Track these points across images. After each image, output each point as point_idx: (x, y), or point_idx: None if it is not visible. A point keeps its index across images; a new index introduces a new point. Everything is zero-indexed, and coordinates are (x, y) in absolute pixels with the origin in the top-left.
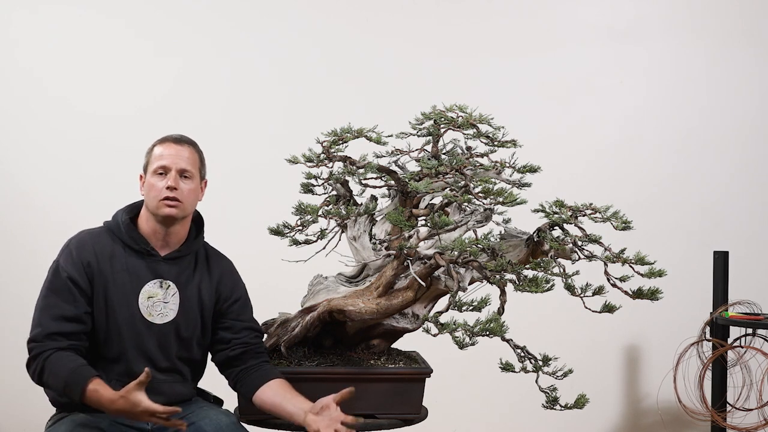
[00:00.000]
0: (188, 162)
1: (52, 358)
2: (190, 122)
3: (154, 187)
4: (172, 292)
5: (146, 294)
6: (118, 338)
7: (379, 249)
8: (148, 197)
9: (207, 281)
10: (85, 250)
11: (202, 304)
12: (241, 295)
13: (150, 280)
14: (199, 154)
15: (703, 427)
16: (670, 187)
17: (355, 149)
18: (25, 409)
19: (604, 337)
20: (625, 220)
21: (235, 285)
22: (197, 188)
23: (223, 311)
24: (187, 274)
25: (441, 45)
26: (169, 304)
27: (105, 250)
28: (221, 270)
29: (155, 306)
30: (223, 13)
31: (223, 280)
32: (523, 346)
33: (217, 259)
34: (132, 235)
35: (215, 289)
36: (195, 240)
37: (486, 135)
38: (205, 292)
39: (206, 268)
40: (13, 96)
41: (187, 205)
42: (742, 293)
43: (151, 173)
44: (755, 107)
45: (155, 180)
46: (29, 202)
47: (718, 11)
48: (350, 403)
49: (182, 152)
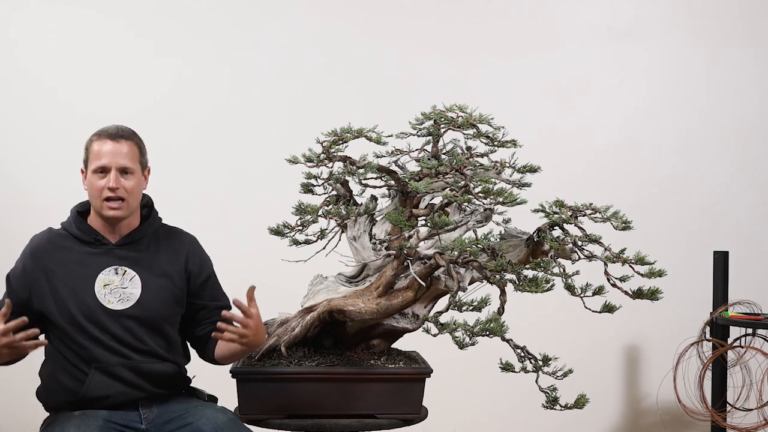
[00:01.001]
0: (127, 158)
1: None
2: (190, 122)
3: (94, 187)
4: (129, 276)
5: (102, 282)
6: (80, 328)
7: (379, 249)
8: (91, 196)
9: (174, 260)
10: (38, 255)
11: (173, 284)
12: (210, 272)
13: (104, 268)
14: (138, 145)
15: (703, 427)
16: (670, 187)
17: (355, 149)
18: (25, 409)
19: (604, 337)
20: (625, 220)
21: (203, 261)
22: (140, 181)
23: (196, 290)
24: (147, 255)
25: (441, 45)
26: (128, 289)
27: (55, 247)
28: (186, 247)
29: (113, 293)
30: (223, 13)
31: (190, 257)
32: (523, 346)
33: (179, 236)
34: (81, 227)
35: (184, 267)
36: (148, 222)
37: (486, 135)
38: (174, 271)
39: (170, 247)
40: (13, 96)
41: (132, 200)
42: (742, 293)
43: (91, 172)
44: (755, 107)
45: (95, 179)
46: (29, 203)
47: (718, 11)
48: (350, 403)
49: (120, 149)
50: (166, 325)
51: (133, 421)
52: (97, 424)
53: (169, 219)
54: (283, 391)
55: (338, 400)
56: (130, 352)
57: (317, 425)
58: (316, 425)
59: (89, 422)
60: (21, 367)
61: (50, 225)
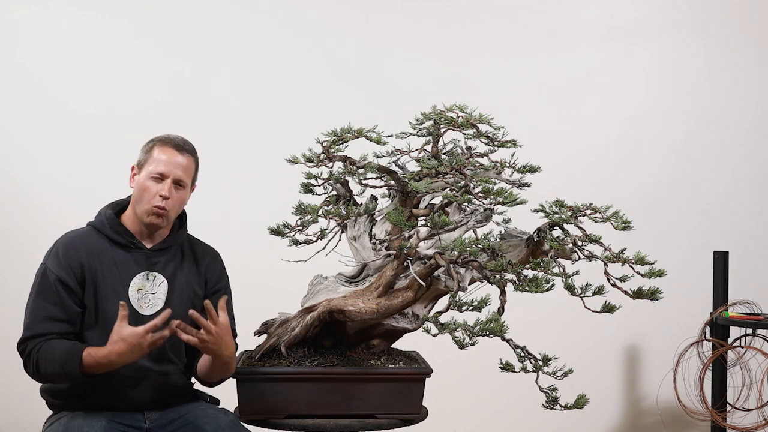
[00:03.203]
0: (185, 172)
1: (43, 348)
2: (190, 122)
3: (147, 191)
4: (158, 282)
5: (136, 286)
6: (110, 330)
7: (379, 249)
8: (139, 198)
9: (195, 271)
10: (73, 249)
11: (193, 294)
12: (223, 285)
13: (138, 273)
14: (195, 162)
15: (703, 427)
16: (670, 187)
17: (355, 149)
18: (25, 410)
19: (604, 337)
20: (625, 220)
21: (221, 274)
22: (187, 196)
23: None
24: (174, 264)
25: (441, 45)
26: (156, 294)
27: (92, 247)
28: (208, 259)
29: (144, 298)
30: (223, 14)
31: (210, 268)
32: (523, 346)
33: (203, 248)
34: (117, 229)
35: (204, 278)
36: (178, 232)
37: (486, 135)
38: (194, 282)
39: (193, 259)
40: (14, 96)
41: (173, 213)
42: (742, 293)
43: (147, 176)
44: (755, 107)
45: (150, 183)
46: (29, 202)
47: (718, 11)
48: (350, 403)
49: (181, 161)
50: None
51: (136, 421)
52: (101, 425)
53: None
54: (283, 391)
55: (338, 400)
56: (150, 363)
57: (317, 425)
58: (316, 425)
59: (93, 423)
60: (21, 368)
61: (50, 225)
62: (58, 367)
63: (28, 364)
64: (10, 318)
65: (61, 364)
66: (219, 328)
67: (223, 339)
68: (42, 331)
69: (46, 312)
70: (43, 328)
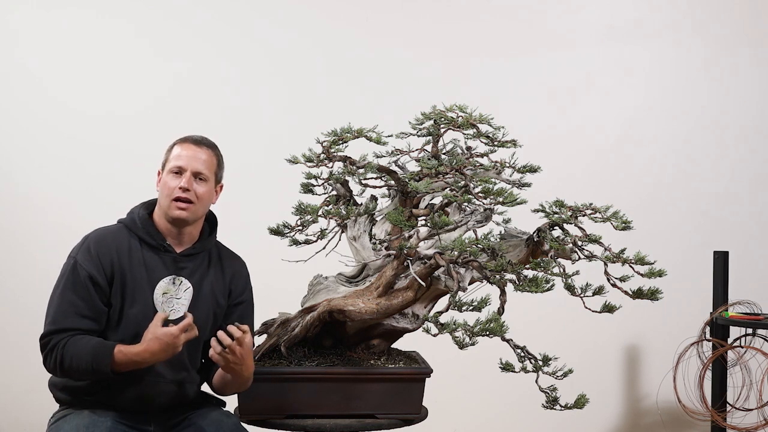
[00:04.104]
0: (204, 165)
1: (69, 344)
2: (190, 122)
3: (167, 186)
4: (184, 287)
5: (161, 290)
6: (134, 332)
7: (379, 249)
8: (162, 195)
9: (220, 280)
10: (105, 246)
11: (216, 303)
12: (247, 298)
13: (165, 276)
14: (217, 157)
15: (703, 427)
16: (670, 187)
17: (355, 149)
18: (26, 409)
19: (604, 337)
20: (625, 220)
21: (246, 286)
22: (211, 191)
23: (228, 310)
24: (201, 271)
25: (441, 45)
26: (181, 300)
27: (123, 246)
28: (234, 269)
29: (169, 302)
30: (223, 14)
31: (235, 279)
32: (523, 346)
33: (231, 258)
34: (149, 230)
35: (228, 288)
36: (208, 238)
37: (486, 135)
38: (218, 290)
39: (219, 267)
40: (14, 96)
41: (199, 207)
42: (742, 293)
43: (167, 172)
44: (755, 107)
45: (170, 179)
46: (29, 202)
47: (718, 11)
48: (350, 403)
49: (200, 154)
50: (203, 340)
51: (141, 423)
52: (107, 425)
53: None
54: (283, 391)
55: (338, 400)
56: (165, 369)
57: (317, 425)
58: (316, 425)
59: (99, 422)
60: (21, 368)
61: (50, 225)
62: (87, 362)
63: (48, 358)
64: (10, 318)
65: (91, 359)
66: (243, 349)
67: (246, 360)
68: (68, 326)
69: (74, 307)
70: (71, 322)
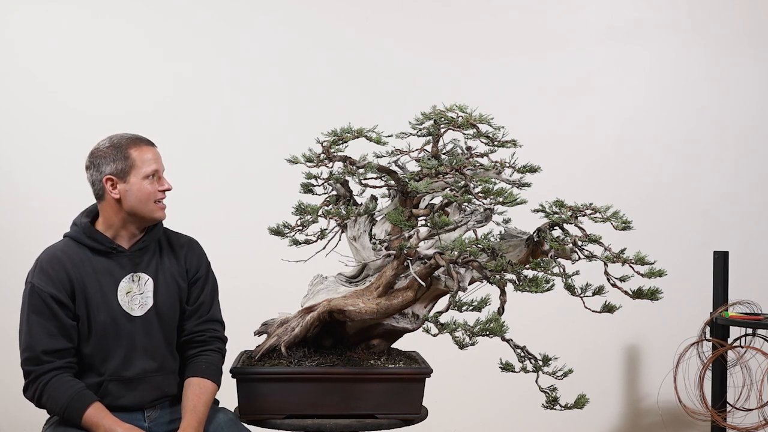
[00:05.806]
0: (161, 161)
1: (51, 383)
2: (190, 122)
3: (146, 191)
4: (144, 281)
5: (123, 290)
6: (105, 339)
7: (379, 249)
8: (140, 200)
9: (175, 263)
10: (59, 263)
11: (178, 287)
12: (203, 274)
13: (124, 276)
14: None
15: (703, 427)
16: (670, 187)
17: (355, 149)
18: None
19: (604, 337)
20: (625, 220)
21: (200, 263)
22: None
23: (189, 291)
24: (155, 261)
25: (441, 44)
26: (144, 294)
27: (75, 258)
28: (186, 249)
29: (134, 299)
30: (223, 14)
31: (189, 258)
32: (523, 346)
33: (180, 239)
34: (96, 237)
35: (185, 269)
36: (155, 229)
37: (486, 135)
38: (177, 274)
39: (171, 252)
40: (14, 96)
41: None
42: (742, 293)
43: (141, 178)
44: (755, 107)
45: (146, 184)
46: (29, 203)
47: (718, 11)
48: (350, 403)
49: (157, 153)
50: (175, 325)
51: (136, 420)
52: None
53: (169, 220)
54: (283, 391)
55: (338, 400)
56: (148, 362)
57: (317, 425)
58: (316, 425)
59: None
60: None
61: (50, 225)
62: (60, 408)
63: (29, 388)
64: (10, 318)
65: (65, 407)
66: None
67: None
68: (43, 347)
69: (44, 329)
70: (44, 344)
